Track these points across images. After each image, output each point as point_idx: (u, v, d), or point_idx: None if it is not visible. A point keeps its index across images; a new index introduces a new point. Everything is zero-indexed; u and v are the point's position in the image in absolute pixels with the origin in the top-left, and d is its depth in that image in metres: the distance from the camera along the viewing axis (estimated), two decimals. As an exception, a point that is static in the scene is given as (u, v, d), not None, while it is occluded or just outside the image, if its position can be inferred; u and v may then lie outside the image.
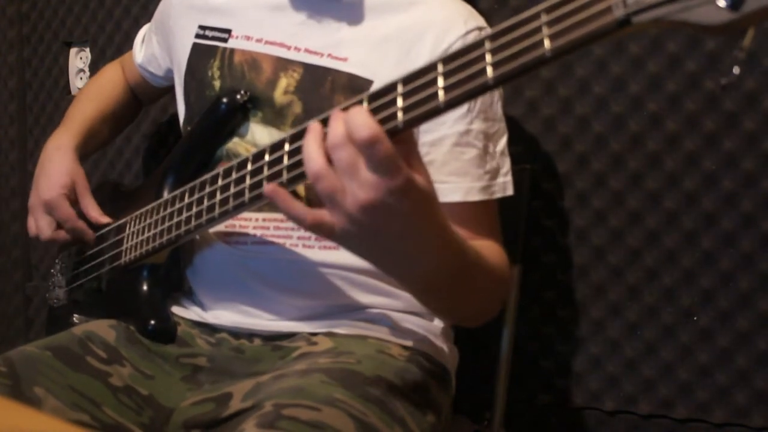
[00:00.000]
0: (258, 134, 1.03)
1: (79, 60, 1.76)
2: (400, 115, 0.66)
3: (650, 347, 1.26)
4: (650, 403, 1.27)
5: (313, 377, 0.86)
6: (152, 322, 1.04)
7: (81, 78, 1.76)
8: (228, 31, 1.08)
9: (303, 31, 1.03)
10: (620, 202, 1.25)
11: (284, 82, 1.02)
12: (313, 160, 0.68)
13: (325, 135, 0.69)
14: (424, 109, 0.66)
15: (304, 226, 0.72)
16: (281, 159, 0.76)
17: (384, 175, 0.65)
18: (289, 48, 1.03)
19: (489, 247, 0.94)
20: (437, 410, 0.97)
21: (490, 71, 0.62)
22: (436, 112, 0.65)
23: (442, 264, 0.77)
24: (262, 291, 1.02)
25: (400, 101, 0.67)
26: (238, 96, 1.03)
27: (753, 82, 1.16)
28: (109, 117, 1.29)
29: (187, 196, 0.95)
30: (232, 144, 1.05)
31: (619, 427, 1.30)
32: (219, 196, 0.87)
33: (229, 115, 1.04)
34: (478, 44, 0.63)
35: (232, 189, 0.84)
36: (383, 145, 0.64)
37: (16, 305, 1.86)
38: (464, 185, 0.96)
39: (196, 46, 1.10)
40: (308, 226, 0.71)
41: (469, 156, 0.97)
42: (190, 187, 0.94)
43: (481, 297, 0.91)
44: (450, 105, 0.65)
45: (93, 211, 1.14)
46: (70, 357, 0.94)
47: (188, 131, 1.10)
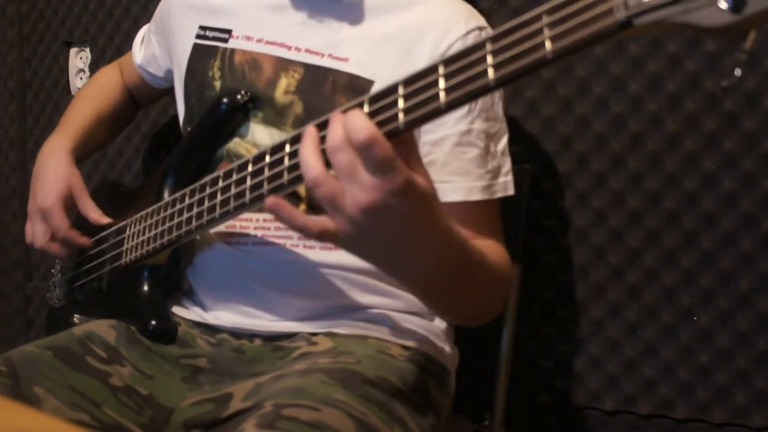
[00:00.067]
0: (258, 134, 1.03)
1: (79, 60, 1.76)
2: (401, 116, 0.66)
3: (650, 347, 1.26)
4: (650, 403, 1.27)
5: (313, 377, 0.86)
6: (153, 322, 1.04)
7: (81, 78, 1.76)
8: (228, 32, 1.08)
9: (303, 31, 1.03)
10: (620, 202, 1.25)
11: (285, 82, 1.02)
12: (310, 167, 0.68)
13: (323, 138, 0.68)
14: (425, 111, 0.66)
15: (311, 235, 0.71)
16: (282, 160, 0.76)
17: (383, 177, 0.65)
18: (289, 48, 1.03)
19: (491, 247, 0.94)
20: (437, 410, 0.97)
21: (492, 73, 0.62)
22: (438, 113, 0.65)
23: (444, 264, 0.77)
24: (263, 291, 1.02)
25: (401, 103, 0.67)
26: (238, 96, 1.03)
27: (753, 82, 1.16)
28: (106, 119, 1.29)
29: (188, 197, 0.95)
30: (233, 144, 1.05)
31: (619, 427, 1.30)
32: (220, 196, 0.87)
33: (230, 116, 1.04)
34: (480, 46, 0.63)
35: (233, 190, 0.84)
36: (381, 146, 0.64)
37: (16, 305, 1.86)
38: (466, 185, 0.96)
39: (196, 46, 1.10)
40: (315, 235, 0.71)
41: (471, 156, 0.97)
42: (191, 188, 0.94)
43: (483, 296, 0.90)
44: (451, 106, 0.65)
45: (92, 213, 1.14)
46: (70, 357, 0.94)
47: (188, 131, 1.10)
